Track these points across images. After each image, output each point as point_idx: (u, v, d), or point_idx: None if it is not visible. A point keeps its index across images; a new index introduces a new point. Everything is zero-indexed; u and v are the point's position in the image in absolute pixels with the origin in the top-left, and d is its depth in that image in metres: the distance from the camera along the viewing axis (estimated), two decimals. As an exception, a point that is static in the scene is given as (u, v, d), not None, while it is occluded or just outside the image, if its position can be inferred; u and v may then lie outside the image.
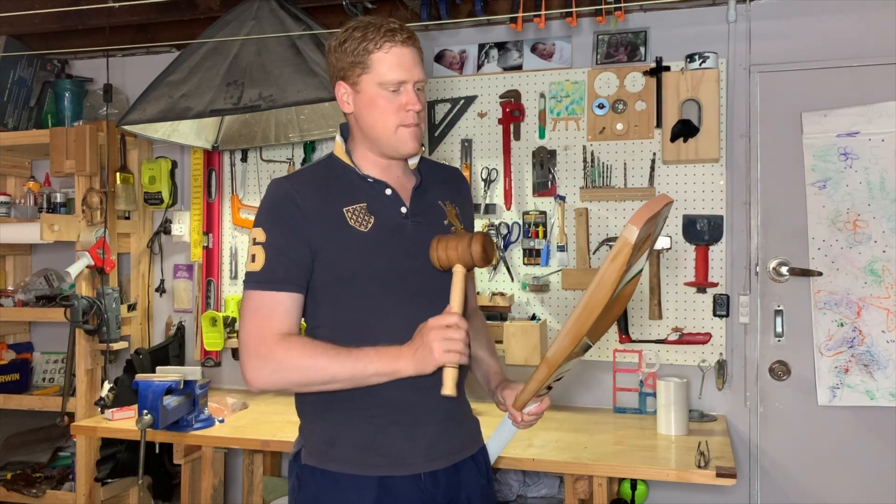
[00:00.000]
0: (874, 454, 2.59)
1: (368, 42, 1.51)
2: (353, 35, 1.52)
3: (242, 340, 1.50)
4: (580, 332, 1.42)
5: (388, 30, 1.51)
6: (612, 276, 1.34)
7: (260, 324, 1.48)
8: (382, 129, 1.54)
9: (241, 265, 3.20)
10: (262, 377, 1.47)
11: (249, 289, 1.51)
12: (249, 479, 2.86)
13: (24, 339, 3.49)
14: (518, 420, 1.65)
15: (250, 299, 1.50)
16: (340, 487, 1.52)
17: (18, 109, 3.19)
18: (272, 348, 1.45)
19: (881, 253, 2.58)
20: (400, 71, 1.51)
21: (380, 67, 1.51)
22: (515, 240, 2.89)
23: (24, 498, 2.98)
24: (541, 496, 2.66)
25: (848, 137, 2.62)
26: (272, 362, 1.45)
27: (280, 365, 1.45)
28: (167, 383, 2.50)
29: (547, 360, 1.48)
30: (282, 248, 1.50)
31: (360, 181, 1.57)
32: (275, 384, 1.48)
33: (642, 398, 2.71)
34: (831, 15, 2.63)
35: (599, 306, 1.38)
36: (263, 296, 1.49)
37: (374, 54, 1.51)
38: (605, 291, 1.36)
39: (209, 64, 2.60)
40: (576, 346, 1.44)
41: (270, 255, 1.49)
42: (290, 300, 1.50)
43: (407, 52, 1.52)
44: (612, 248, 1.34)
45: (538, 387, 1.54)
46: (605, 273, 1.35)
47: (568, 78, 2.87)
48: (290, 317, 1.50)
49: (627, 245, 1.31)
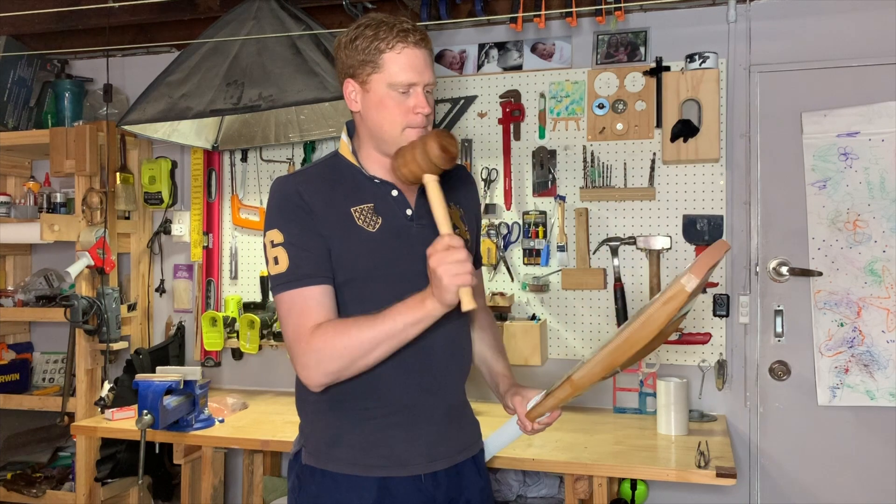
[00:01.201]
0: (874, 454, 2.59)
1: (380, 41, 1.49)
2: (364, 33, 1.50)
3: (287, 345, 1.48)
4: (615, 363, 1.40)
5: (402, 30, 1.49)
6: (662, 318, 1.31)
7: (296, 323, 1.46)
8: (389, 130, 1.52)
9: (241, 265, 3.20)
10: (313, 374, 1.44)
11: (280, 291, 1.48)
12: (249, 479, 2.86)
13: (24, 339, 3.49)
14: (528, 429, 1.65)
15: (282, 302, 1.48)
16: (341, 488, 1.52)
17: (18, 109, 3.19)
18: (309, 341, 1.43)
19: (881, 253, 2.58)
20: (411, 73, 1.49)
21: (391, 68, 1.49)
22: (515, 240, 2.89)
23: (24, 498, 2.98)
24: (541, 496, 2.66)
25: (848, 137, 2.62)
26: (314, 355, 1.43)
27: (322, 355, 1.43)
28: (167, 383, 2.50)
29: (573, 381, 1.46)
30: (302, 244, 1.48)
31: (366, 181, 1.57)
32: (326, 374, 1.44)
33: (642, 398, 2.71)
34: (831, 15, 2.63)
35: (641, 343, 1.35)
36: (294, 294, 1.47)
37: (386, 54, 1.49)
38: (650, 331, 1.34)
39: (209, 64, 2.60)
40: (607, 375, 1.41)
41: (293, 252, 1.47)
42: (320, 292, 1.47)
43: (419, 53, 1.51)
44: (667, 290, 1.31)
45: (558, 404, 1.53)
46: (655, 314, 1.32)
47: (568, 78, 2.87)
48: (323, 308, 1.47)
49: (684, 293, 1.29)
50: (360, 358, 1.42)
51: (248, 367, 3.21)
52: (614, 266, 2.79)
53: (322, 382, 1.46)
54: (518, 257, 2.90)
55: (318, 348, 1.43)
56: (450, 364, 1.59)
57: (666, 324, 1.32)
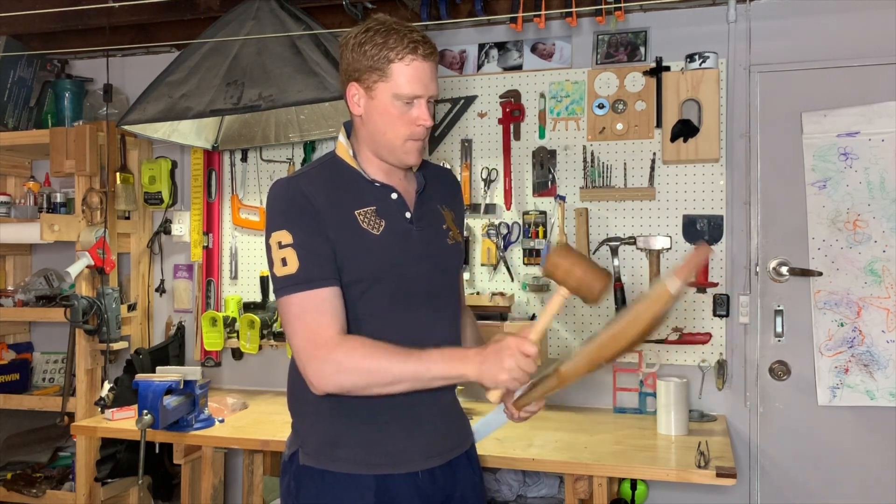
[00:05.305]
0: (874, 454, 2.59)
1: (390, 50, 1.48)
2: (374, 39, 1.49)
3: (297, 346, 1.46)
4: (600, 357, 1.43)
5: (412, 40, 1.48)
6: (647, 318, 1.35)
7: (311, 326, 1.44)
8: (392, 139, 1.52)
9: (241, 265, 3.20)
10: (326, 380, 1.43)
11: (289, 293, 1.46)
12: (249, 479, 2.86)
13: (24, 339, 3.49)
14: (514, 416, 1.66)
15: (292, 304, 1.46)
16: (341, 488, 1.52)
17: (18, 109, 3.19)
18: (331, 349, 1.42)
19: (881, 253, 2.58)
20: (417, 85, 1.49)
21: (398, 79, 1.48)
22: (515, 240, 2.89)
23: (24, 498, 2.98)
24: (541, 496, 2.66)
25: (848, 137, 2.62)
26: (332, 364, 1.42)
27: (342, 366, 1.42)
28: (167, 383, 2.50)
29: (560, 373, 1.49)
30: (312, 245, 1.47)
31: (367, 185, 1.56)
32: (338, 385, 1.44)
33: (642, 398, 2.71)
34: (831, 15, 2.63)
35: (626, 341, 1.39)
36: (305, 296, 1.45)
37: (395, 64, 1.48)
38: (636, 330, 1.37)
39: (209, 64, 2.60)
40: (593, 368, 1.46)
41: (302, 254, 1.46)
42: (332, 295, 1.46)
43: (427, 66, 1.50)
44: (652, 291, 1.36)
45: (544, 394, 1.56)
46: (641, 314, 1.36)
47: (568, 78, 2.87)
48: (337, 312, 1.46)
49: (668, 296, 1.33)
50: (380, 386, 1.43)
51: (248, 367, 3.21)
52: (614, 266, 2.79)
53: (329, 390, 1.45)
54: (518, 257, 2.90)
55: (339, 360, 1.42)
56: None
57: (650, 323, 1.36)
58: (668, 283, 1.33)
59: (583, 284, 1.42)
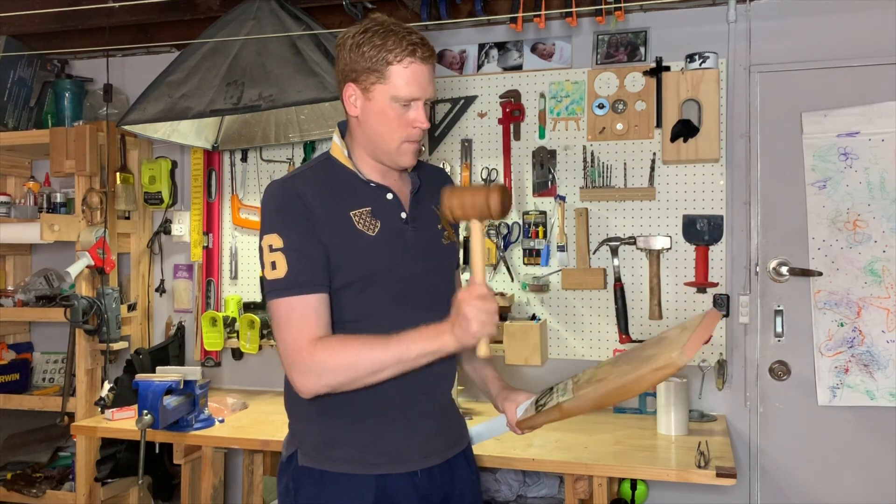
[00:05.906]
0: (874, 454, 2.59)
1: (389, 52, 1.48)
2: (372, 40, 1.48)
3: (283, 351, 1.47)
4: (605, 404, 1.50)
5: (411, 42, 1.48)
6: (652, 381, 1.42)
7: (296, 332, 1.45)
8: (388, 141, 1.53)
9: (241, 265, 3.20)
10: (311, 384, 1.44)
11: (276, 297, 1.46)
12: (249, 479, 2.86)
13: (24, 339, 3.49)
14: (517, 433, 1.70)
15: (279, 308, 1.46)
16: (340, 488, 1.53)
17: (18, 109, 3.19)
18: (312, 353, 1.43)
19: (881, 253, 2.58)
20: (415, 88, 1.49)
21: (397, 81, 1.48)
22: (515, 240, 2.89)
23: (24, 498, 2.98)
24: (541, 496, 2.66)
25: (848, 137, 2.62)
26: (316, 367, 1.43)
27: (325, 367, 1.42)
28: (167, 383, 2.50)
29: (562, 409, 1.53)
30: (302, 250, 1.47)
31: (362, 185, 1.57)
32: (326, 387, 1.44)
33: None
34: (831, 15, 2.63)
35: (630, 395, 1.46)
36: (292, 302, 1.45)
37: (393, 66, 1.48)
38: (641, 388, 1.44)
39: (209, 64, 2.60)
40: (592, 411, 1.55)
41: (292, 259, 1.46)
42: (318, 301, 1.47)
43: (425, 69, 1.51)
44: (658, 357, 1.40)
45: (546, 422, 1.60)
46: (647, 377, 1.41)
47: (568, 78, 2.87)
48: (321, 318, 1.47)
49: (675, 366, 1.37)
50: (365, 376, 1.43)
51: (248, 367, 3.21)
52: (614, 266, 2.79)
53: (318, 393, 1.46)
54: (518, 257, 2.90)
55: (321, 360, 1.43)
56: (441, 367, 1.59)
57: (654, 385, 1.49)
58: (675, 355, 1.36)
59: (482, 208, 1.41)
